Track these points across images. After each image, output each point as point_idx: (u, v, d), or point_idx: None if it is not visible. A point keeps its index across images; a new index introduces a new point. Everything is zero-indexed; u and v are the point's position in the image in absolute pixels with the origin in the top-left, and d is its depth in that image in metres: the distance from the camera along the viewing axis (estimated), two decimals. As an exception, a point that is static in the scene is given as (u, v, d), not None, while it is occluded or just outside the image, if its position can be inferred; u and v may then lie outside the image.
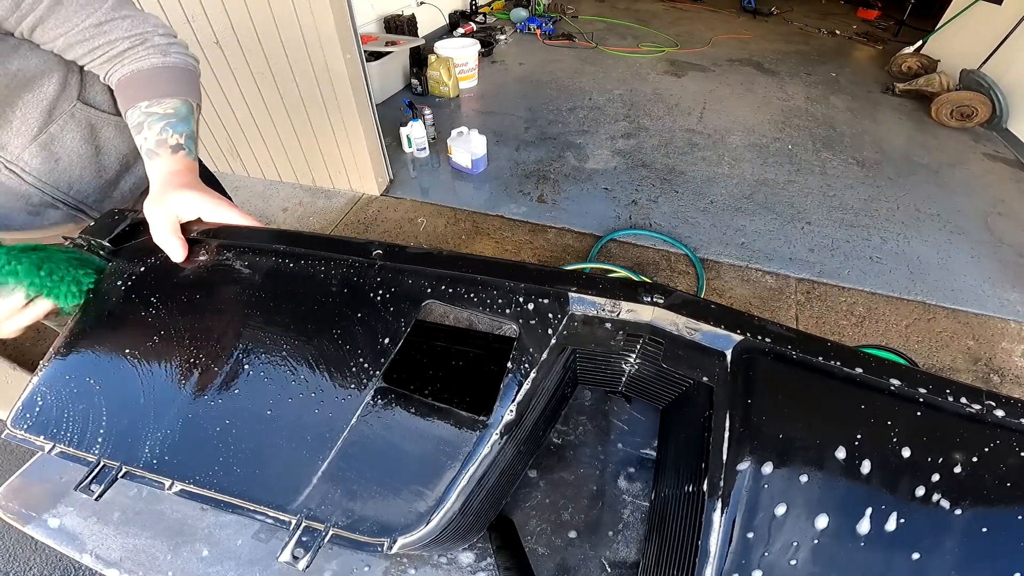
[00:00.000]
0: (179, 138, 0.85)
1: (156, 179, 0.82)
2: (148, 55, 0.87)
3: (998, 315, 2.76)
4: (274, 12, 2.64)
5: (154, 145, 0.84)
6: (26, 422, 0.67)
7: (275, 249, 0.76)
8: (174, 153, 0.84)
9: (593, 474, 0.90)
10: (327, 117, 3.07)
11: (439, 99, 4.77)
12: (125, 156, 1.06)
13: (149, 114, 0.85)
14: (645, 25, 6.97)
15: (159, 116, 0.85)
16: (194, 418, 0.64)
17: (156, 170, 0.83)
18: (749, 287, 2.87)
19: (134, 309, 0.73)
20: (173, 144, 0.85)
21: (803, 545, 0.52)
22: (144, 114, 0.85)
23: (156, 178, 0.82)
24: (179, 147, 0.85)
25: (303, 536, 0.57)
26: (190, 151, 0.87)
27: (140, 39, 0.86)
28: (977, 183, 3.89)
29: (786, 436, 0.56)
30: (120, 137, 1.03)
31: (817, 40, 6.89)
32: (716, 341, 0.64)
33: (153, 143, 0.84)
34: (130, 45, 0.86)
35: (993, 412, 0.56)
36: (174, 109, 0.87)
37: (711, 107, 4.80)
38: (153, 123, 0.84)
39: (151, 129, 0.84)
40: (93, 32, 0.83)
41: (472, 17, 6.41)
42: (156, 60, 0.87)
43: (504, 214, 3.34)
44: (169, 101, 0.86)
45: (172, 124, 0.85)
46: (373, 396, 0.63)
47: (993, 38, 4.65)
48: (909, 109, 4.97)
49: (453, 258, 0.72)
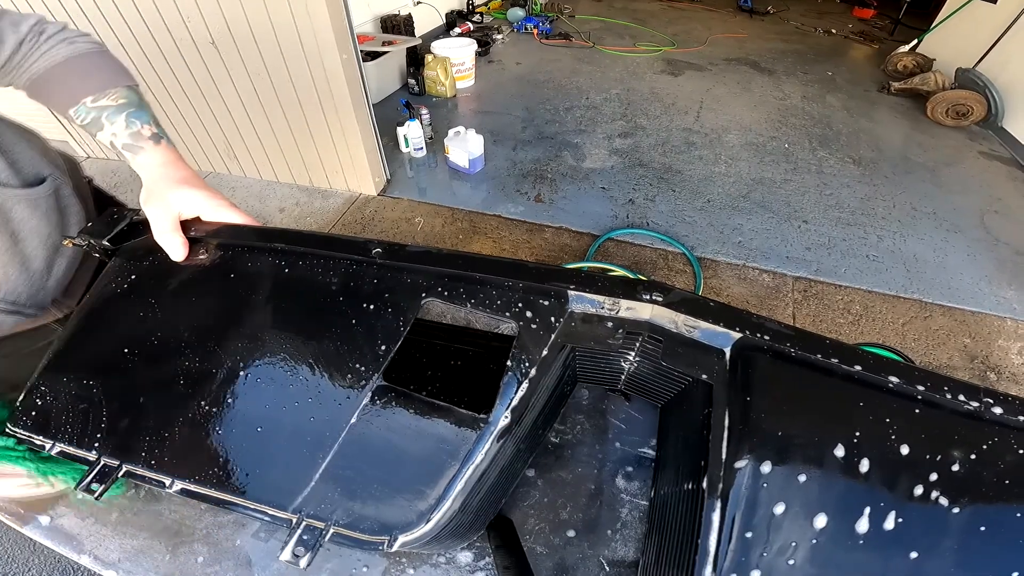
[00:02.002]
0: (151, 127, 0.80)
1: (150, 173, 0.78)
2: (54, 47, 0.78)
3: (994, 313, 2.77)
4: (270, 12, 2.63)
5: (130, 139, 0.78)
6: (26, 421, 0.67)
7: (274, 248, 0.76)
8: (157, 144, 0.80)
9: (591, 473, 0.90)
10: (323, 117, 3.07)
11: (436, 99, 4.76)
12: (48, 236, 0.86)
13: (102, 108, 0.78)
14: (642, 24, 6.97)
15: (114, 108, 0.78)
16: (194, 417, 0.64)
17: (146, 164, 0.79)
18: (746, 286, 2.87)
19: (134, 308, 0.73)
20: (149, 135, 0.80)
21: (802, 544, 0.52)
22: (95, 109, 0.77)
23: (150, 172, 0.78)
24: (157, 136, 0.80)
25: (304, 535, 0.57)
26: (168, 138, 0.82)
27: (36, 32, 0.77)
28: (973, 181, 3.90)
29: (785, 434, 0.56)
30: (35, 215, 0.84)
31: (813, 39, 6.90)
32: (715, 339, 0.64)
33: (127, 137, 0.78)
34: (32, 45, 0.77)
35: (991, 409, 0.56)
36: (126, 99, 0.80)
37: (708, 106, 4.80)
38: (112, 116, 0.78)
39: (114, 124, 0.78)
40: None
41: (469, 17, 6.41)
42: (66, 51, 0.78)
43: (501, 213, 3.33)
44: (114, 91, 0.79)
45: (134, 114, 0.79)
46: (373, 395, 0.63)
47: (988, 37, 4.66)
48: (905, 108, 4.98)
49: (452, 256, 0.72)
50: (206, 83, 3.09)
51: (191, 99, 3.23)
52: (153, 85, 3.17)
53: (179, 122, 3.40)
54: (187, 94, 3.20)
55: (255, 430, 0.63)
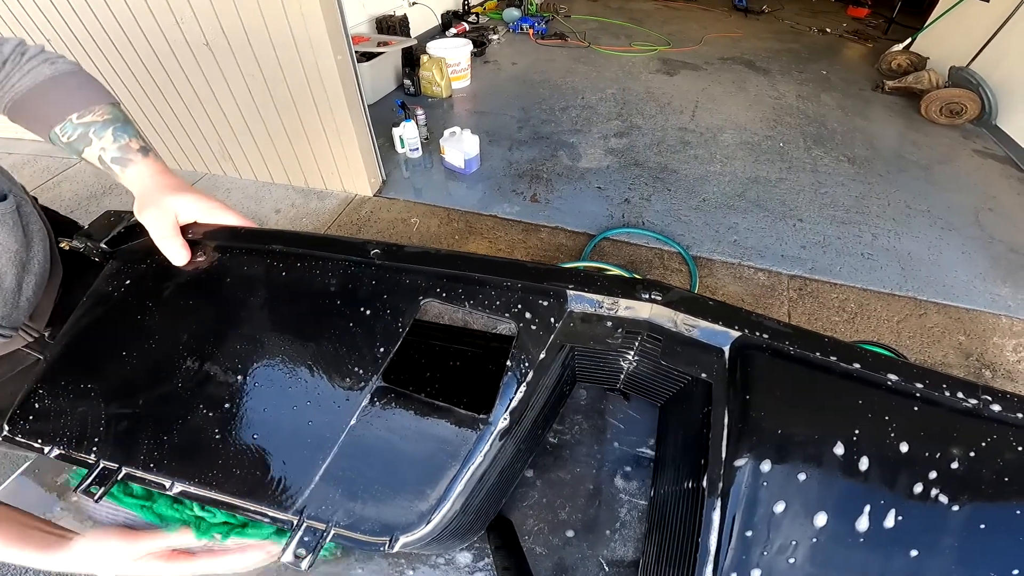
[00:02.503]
0: (138, 141, 0.81)
1: (143, 183, 0.79)
2: (36, 67, 0.79)
3: (989, 310, 2.78)
4: (264, 13, 2.62)
5: (119, 152, 0.79)
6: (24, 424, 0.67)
7: (273, 250, 0.76)
8: (146, 156, 0.81)
9: (590, 473, 0.90)
10: (319, 118, 3.06)
11: (432, 99, 4.76)
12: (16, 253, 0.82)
13: (88, 124, 0.79)
14: (637, 24, 6.98)
15: (101, 124, 0.79)
16: (194, 419, 0.64)
17: (138, 175, 0.79)
18: (742, 284, 2.88)
19: (132, 311, 0.73)
20: (138, 147, 0.81)
21: (802, 543, 0.52)
22: (81, 125, 0.78)
23: (142, 182, 0.79)
24: (145, 149, 0.81)
25: (304, 536, 0.57)
26: (155, 150, 0.83)
27: (18, 53, 0.79)
28: (967, 180, 3.91)
29: (784, 432, 0.57)
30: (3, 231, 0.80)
31: (808, 38, 6.92)
32: (714, 337, 0.64)
33: (116, 151, 0.79)
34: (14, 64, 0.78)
35: (990, 407, 0.56)
36: (111, 115, 0.81)
37: (703, 105, 4.81)
38: (99, 131, 0.79)
39: (102, 138, 0.79)
40: None
41: (464, 17, 6.40)
42: (49, 70, 0.80)
43: (497, 214, 3.33)
44: (99, 108, 0.81)
45: (120, 128, 0.80)
46: (373, 396, 0.63)
47: (981, 35, 4.69)
48: (899, 106, 5.00)
49: (451, 257, 0.72)
50: (200, 84, 3.08)
51: (185, 101, 3.22)
52: (147, 87, 3.16)
53: (173, 124, 3.38)
54: (181, 96, 3.19)
55: (255, 432, 0.63)
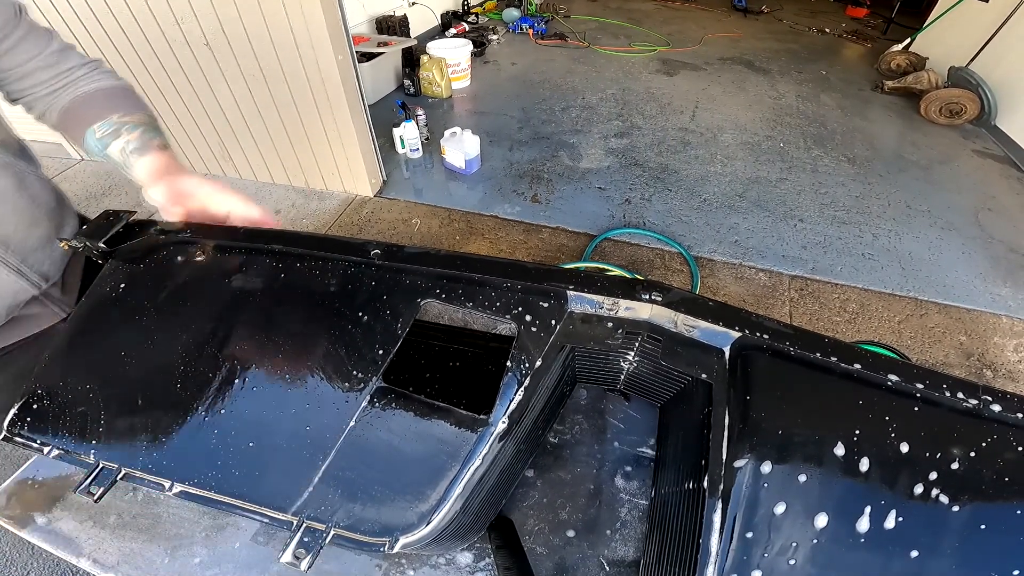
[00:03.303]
0: (162, 141, 0.92)
1: (153, 168, 0.87)
2: (104, 77, 0.93)
3: (990, 310, 2.79)
4: (264, 13, 2.62)
5: (140, 145, 0.88)
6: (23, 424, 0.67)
7: (273, 250, 0.76)
8: (162, 151, 0.90)
9: (590, 473, 0.90)
10: (319, 118, 3.06)
11: (432, 99, 4.76)
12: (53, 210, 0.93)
13: (124, 122, 0.89)
14: (637, 24, 6.99)
15: (134, 124, 0.90)
16: (193, 419, 0.64)
17: (150, 163, 0.87)
18: (743, 285, 2.88)
19: (131, 311, 0.73)
20: (158, 145, 0.90)
21: (803, 544, 0.52)
22: (119, 122, 0.89)
23: (153, 167, 0.87)
24: (165, 147, 0.91)
25: (304, 537, 0.57)
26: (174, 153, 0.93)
27: (93, 66, 0.93)
28: (967, 180, 3.91)
29: (785, 433, 0.56)
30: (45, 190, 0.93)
31: (807, 38, 6.92)
32: (714, 338, 0.64)
33: (138, 143, 0.88)
34: (88, 71, 0.92)
35: (990, 407, 0.56)
36: (148, 119, 0.93)
37: (703, 106, 4.81)
38: (131, 129, 0.89)
39: (131, 134, 0.88)
40: (57, 58, 0.89)
41: (464, 17, 6.41)
42: (113, 81, 0.94)
43: (498, 214, 3.33)
44: (139, 114, 0.92)
45: (150, 130, 0.91)
46: (373, 396, 0.63)
47: (980, 35, 4.68)
48: (899, 107, 5.00)
49: (451, 257, 0.72)
50: (200, 84, 3.08)
51: (185, 100, 3.22)
52: (147, 87, 3.16)
53: (173, 124, 3.38)
54: (181, 95, 3.19)
55: (255, 432, 0.63)
